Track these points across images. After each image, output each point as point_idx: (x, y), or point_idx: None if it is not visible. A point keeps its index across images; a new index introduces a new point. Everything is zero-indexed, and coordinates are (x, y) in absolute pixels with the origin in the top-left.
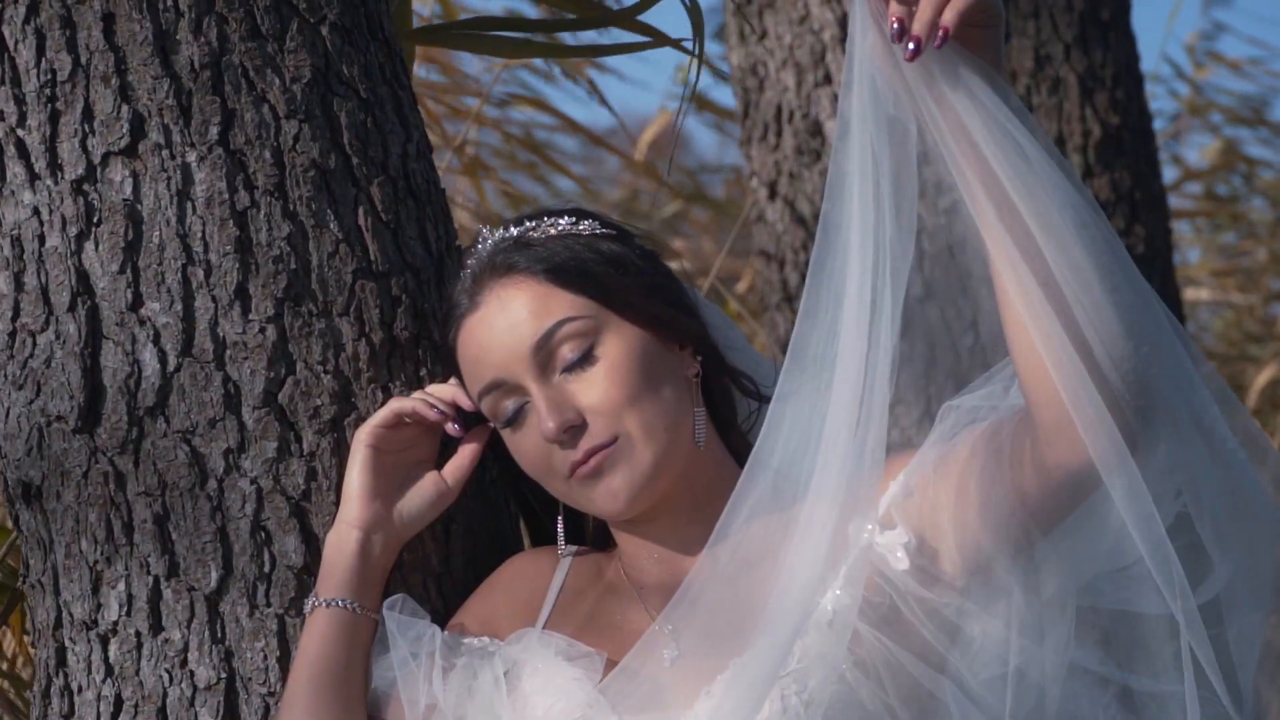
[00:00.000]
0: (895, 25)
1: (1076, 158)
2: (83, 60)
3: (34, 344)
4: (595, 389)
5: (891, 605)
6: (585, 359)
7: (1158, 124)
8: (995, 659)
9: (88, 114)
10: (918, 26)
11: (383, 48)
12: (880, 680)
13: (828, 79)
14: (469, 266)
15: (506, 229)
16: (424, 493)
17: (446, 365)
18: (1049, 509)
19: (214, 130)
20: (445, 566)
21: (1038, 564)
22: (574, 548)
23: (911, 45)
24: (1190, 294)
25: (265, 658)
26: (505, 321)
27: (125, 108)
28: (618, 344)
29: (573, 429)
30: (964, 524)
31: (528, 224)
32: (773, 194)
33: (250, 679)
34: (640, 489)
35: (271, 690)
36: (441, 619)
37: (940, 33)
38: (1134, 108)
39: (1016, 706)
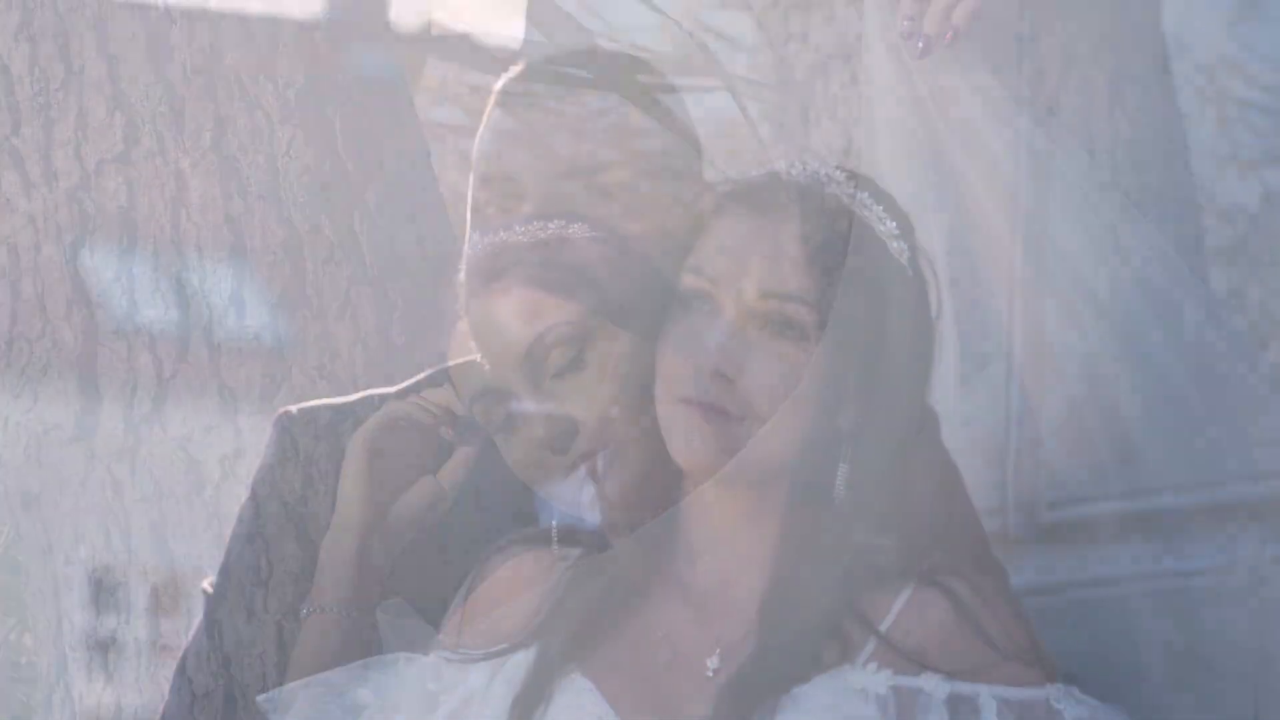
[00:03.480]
0: (906, 23)
1: (1105, 158)
2: (76, 68)
3: (31, 352)
4: (586, 394)
5: None
6: (576, 364)
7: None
8: None
9: (81, 122)
10: (929, 25)
11: (379, 51)
12: None
13: (854, 80)
14: (460, 271)
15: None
16: (420, 497)
17: (441, 370)
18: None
19: (207, 136)
20: (442, 571)
21: None
22: (571, 551)
23: (922, 43)
24: None
25: (263, 664)
26: (495, 327)
27: (119, 115)
28: (609, 348)
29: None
30: None
31: (517, 228)
32: None
33: (248, 685)
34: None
35: None
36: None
37: (950, 32)
38: (1164, 109)
39: None
